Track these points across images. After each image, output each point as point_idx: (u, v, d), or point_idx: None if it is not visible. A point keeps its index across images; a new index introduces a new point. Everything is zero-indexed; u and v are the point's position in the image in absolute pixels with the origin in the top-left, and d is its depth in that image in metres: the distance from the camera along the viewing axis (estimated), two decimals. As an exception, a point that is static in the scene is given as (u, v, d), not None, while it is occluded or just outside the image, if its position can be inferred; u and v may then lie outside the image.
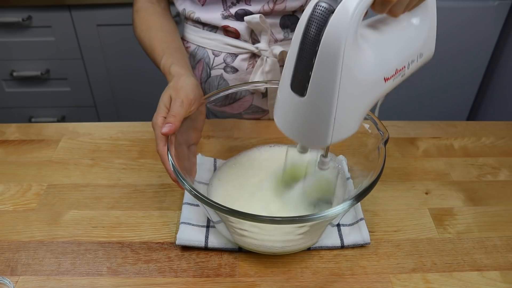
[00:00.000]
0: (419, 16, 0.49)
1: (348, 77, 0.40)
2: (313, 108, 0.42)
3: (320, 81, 0.40)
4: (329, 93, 0.41)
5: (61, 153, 0.77)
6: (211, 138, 0.69)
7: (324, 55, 0.39)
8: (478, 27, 1.50)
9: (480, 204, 0.68)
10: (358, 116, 0.46)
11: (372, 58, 0.43)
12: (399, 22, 0.48)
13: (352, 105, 0.43)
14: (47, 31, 1.48)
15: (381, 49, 0.45)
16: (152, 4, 0.78)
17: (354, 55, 0.40)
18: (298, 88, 0.42)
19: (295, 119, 0.45)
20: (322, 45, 0.39)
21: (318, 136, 0.44)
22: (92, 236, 0.62)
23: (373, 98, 0.46)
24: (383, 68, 0.45)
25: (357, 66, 0.41)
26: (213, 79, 0.81)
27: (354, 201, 0.50)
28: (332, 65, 0.39)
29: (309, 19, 0.39)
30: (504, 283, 0.56)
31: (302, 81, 0.41)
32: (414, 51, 0.49)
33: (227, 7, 0.74)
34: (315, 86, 0.41)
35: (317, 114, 0.43)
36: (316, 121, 0.43)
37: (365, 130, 0.61)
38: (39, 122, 1.18)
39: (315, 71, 0.40)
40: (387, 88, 0.47)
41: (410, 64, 0.49)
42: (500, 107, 1.62)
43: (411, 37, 0.49)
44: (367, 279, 0.56)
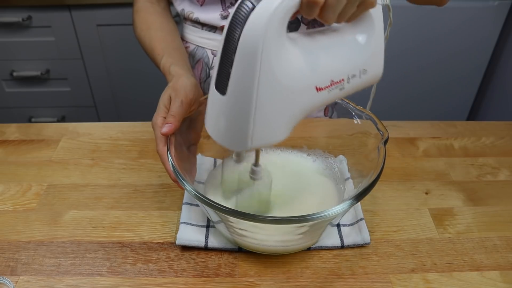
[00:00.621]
0: (365, 33, 0.47)
1: (269, 77, 0.40)
2: (233, 107, 0.42)
3: (239, 78, 0.40)
4: (248, 92, 0.40)
5: (61, 153, 0.77)
6: (211, 138, 0.69)
7: (242, 51, 0.39)
8: (478, 27, 1.50)
9: (480, 204, 0.68)
10: (285, 122, 0.44)
11: (300, 63, 0.42)
12: (341, 34, 0.47)
13: (275, 109, 0.42)
14: (47, 31, 1.48)
15: (313, 56, 0.43)
16: (152, 4, 0.78)
17: (276, 55, 0.39)
18: (220, 86, 0.42)
19: (218, 119, 0.44)
20: (241, 41, 0.38)
21: (238, 139, 0.43)
22: (92, 236, 0.62)
23: (304, 106, 0.44)
24: (313, 75, 0.43)
25: (280, 67, 0.40)
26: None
27: (353, 201, 0.50)
28: (251, 62, 0.39)
29: (233, 17, 0.39)
30: (504, 283, 0.56)
31: (224, 79, 0.41)
32: (355, 64, 0.47)
33: (226, 7, 0.74)
34: (234, 84, 0.40)
35: (237, 114, 0.42)
36: (236, 122, 0.42)
37: (365, 130, 0.61)
38: (39, 122, 1.18)
39: (235, 68, 0.40)
40: (322, 99, 0.45)
41: (351, 78, 0.47)
42: (500, 107, 1.62)
43: (352, 50, 0.47)
44: (367, 279, 0.56)
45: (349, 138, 0.65)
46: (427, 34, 1.51)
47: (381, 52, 0.49)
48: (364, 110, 0.61)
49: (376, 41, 0.48)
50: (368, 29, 0.47)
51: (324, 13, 0.40)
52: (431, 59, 1.57)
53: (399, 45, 1.52)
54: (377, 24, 0.47)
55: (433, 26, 1.50)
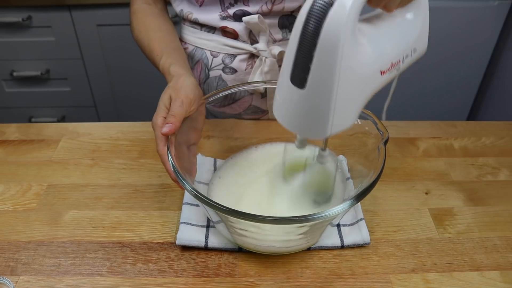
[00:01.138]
0: (412, 11, 0.50)
1: (347, 69, 0.41)
2: (313, 100, 0.43)
3: (320, 73, 0.41)
4: (329, 85, 0.41)
5: (61, 153, 0.77)
6: (211, 138, 0.69)
7: (323, 47, 0.40)
8: (478, 27, 1.50)
9: (480, 204, 0.68)
10: (356, 108, 0.46)
11: (369, 52, 0.44)
12: (394, 17, 0.49)
13: (350, 97, 0.44)
14: (47, 31, 1.48)
15: (377, 42, 0.46)
16: (149, 5, 0.78)
17: (352, 48, 0.41)
18: (298, 80, 0.43)
19: (295, 111, 0.45)
20: (322, 37, 0.39)
21: (317, 128, 0.45)
22: (92, 236, 0.62)
23: (370, 90, 0.47)
24: (379, 61, 0.46)
25: (355, 58, 0.42)
26: (211, 80, 0.81)
27: (354, 201, 0.50)
28: (332, 58, 0.40)
29: (309, 12, 0.40)
30: (504, 283, 0.56)
31: (302, 73, 0.42)
32: (408, 45, 0.50)
33: (225, 8, 0.74)
34: (314, 78, 0.41)
35: (317, 106, 0.43)
36: (315, 112, 0.44)
37: (365, 130, 0.61)
38: (39, 122, 1.18)
39: (315, 63, 0.41)
40: (383, 81, 0.48)
41: (405, 58, 0.50)
42: (500, 107, 1.62)
43: (405, 31, 0.50)
44: (367, 279, 0.56)
45: (349, 138, 0.65)
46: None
47: (426, 29, 0.52)
48: (364, 110, 0.61)
49: (423, 20, 0.50)
50: (416, 9, 0.50)
51: (389, 3, 0.44)
52: (431, 59, 1.57)
53: (399, 45, 1.52)
54: (424, 4, 0.50)
55: (433, 26, 1.48)
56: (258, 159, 0.69)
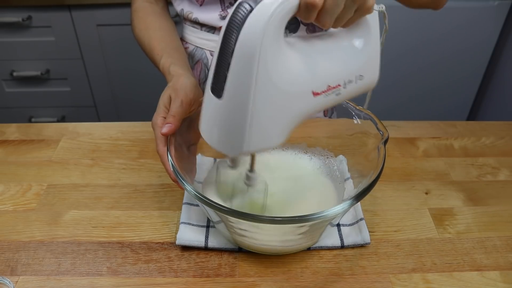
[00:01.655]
0: (362, 38, 0.47)
1: (266, 81, 0.39)
2: (229, 111, 0.41)
3: (236, 82, 0.39)
4: (244, 96, 0.39)
5: (61, 153, 0.77)
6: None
7: (239, 54, 0.38)
8: (478, 27, 1.50)
9: (480, 204, 0.68)
10: (281, 127, 0.44)
11: (297, 67, 0.42)
12: (338, 41, 0.47)
13: (272, 113, 0.42)
14: (47, 31, 1.48)
15: (311, 60, 0.43)
16: (150, 3, 0.78)
17: (273, 58, 0.39)
18: (216, 89, 0.41)
19: (214, 123, 0.44)
20: (238, 44, 0.38)
21: (234, 143, 0.43)
22: (92, 236, 0.62)
23: (300, 111, 0.44)
24: (310, 80, 0.43)
25: (277, 71, 0.40)
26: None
27: (354, 201, 0.50)
28: (248, 66, 0.38)
29: (230, 19, 0.39)
30: (504, 283, 0.56)
31: (220, 82, 0.40)
32: (351, 71, 0.47)
33: (225, 8, 0.74)
34: (231, 87, 0.40)
35: (233, 118, 0.41)
36: (231, 126, 0.42)
37: (365, 130, 0.61)
38: (39, 122, 1.18)
39: (231, 71, 0.39)
40: (319, 103, 0.45)
41: (347, 83, 0.47)
42: (500, 107, 1.62)
43: (349, 56, 0.47)
44: (367, 279, 0.56)
45: (349, 138, 0.65)
46: (427, 34, 1.51)
47: (377, 58, 0.49)
48: (364, 110, 0.61)
49: (372, 47, 0.48)
50: (364, 34, 0.47)
51: (321, 17, 0.40)
52: (431, 59, 1.57)
53: (399, 45, 1.52)
54: (373, 30, 0.47)
55: (433, 26, 1.50)
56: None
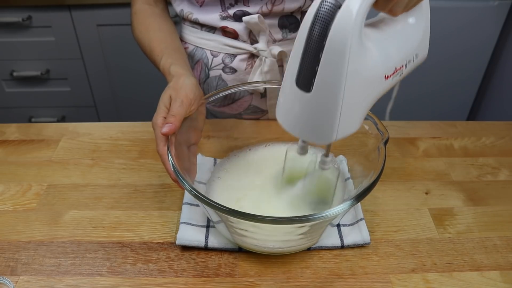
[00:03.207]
0: (415, 16, 0.49)
1: (354, 73, 0.41)
2: (319, 104, 0.43)
3: (327, 76, 0.41)
4: (336, 89, 0.41)
5: (61, 153, 0.77)
6: (211, 138, 0.69)
7: (331, 50, 0.39)
8: (478, 27, 1.50)
9: (480, 204, 0.68)
10: (361, 113, 0.46)
11: (375, 55, 0.44)
12: (396, 22, 0.49)
13: (356, 101, 0.44)
14: (47, 31, 1.48)
15: (383, 47, 0.45)
16: (150, 5, 0.78)
17: (359, 51, 0.40)
18: (303, 83, 0.42)
19: (300, 115, 0.45)
20: (329, 40, 0.39)
21: (323, 133, 0.45)
22: (92, 236, 0.62)
23: (374, 95, 0.46)
24: (384, 65, 0.45)
25: (362, 62, 0.41)
26: (211, 80, 0.81)
27: (354, 201, 0.50)
28: (339, 61, 0.39)
29: (315, 15, 0.39)
30: (504, 283, 0.56)
31: (308, 76, 0.42)
32: (411, 50, 0.50)
33: (225, 8, 0.74)
34: (321, 82, 0.41)
35: (323, 110, 0.43)
36: (321, 117, 0.43)
37: (365, 130, 0.61)
38: (39, 122, 1.18)
39: (322, 66, 0.40)
40: (386, 86, 0.47)
41: (407, 64, 0.49)
42: (500, 107, 1.61)
43: (408, 36, 0.49)
44: (367, 279, 0.56)
45: (349, 138, 0.64)
46: (427, 34, 1.51)
47: (427, 36, 0.52)
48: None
49: (425, 25, 0.50)
50: (418, 13, 0.50)
51: (394, 7, 0.43)
52: (431, 59, 1.56)
53: (399, 45, 1.52)
54: (425, 9, 0.50)
55: (433, 26, 1.48)
56: (259, 161, 0.68)
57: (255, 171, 0.66)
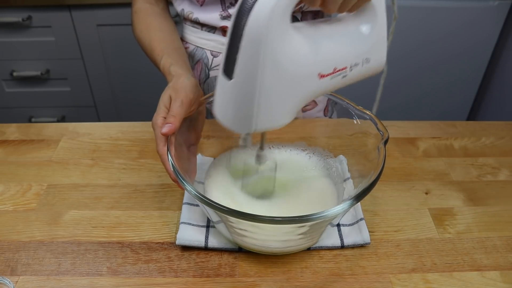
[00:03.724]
0: (368, 23, 0.49)
1: (273, 63, 0.42)
2: (238, 91, 0.44)
3: (245, 64, 0.42)
4: (252, 77, 0.42)
5: (61, 153, 0.77)
6: (211, 138, 0.69)
7: (247, 38, 0.41)
8: (478, 27, 1.50)
9: (480, 204, 0.68)
10: (288, 108, 0.46)
11: (303, 50, 0.44)
12: (345, 25, 0.48)
13: (278, 93, 0.44)
14: (47, 31, 1.48)
15: (317, 43, 0.45)
16: (151, 4, 0.78)
17: (280, 42, 0.41)
18: (227, 71, 0.44)
19: (225, 103, 0.46)
20: (247, 28, 0.40)
21: (242, 122, 0.46)
22: (92, 236, 0.62)
23: (307, 92, 0.46)
24: (317, 62, 0.45)
25: (284, 54, 0.42)
26: (212, 80, 0.81)
27: (354, 201, 0.50)
28: (255, 49, 0.41)
29: (240, 6, 0.41)
30: (504, 283, 0.56)
31: (231, 64, 0.43)
32: (357, 54, 0.49)
33: (225, 8, 0.74)
34: (240, 69, 0.42)
35: (242, 97, 0.44)
36: (241, 105, 0.45)
37: (365, 130, 0.61)
38: (39, 122, 1.18)
39: (241, 54, 0.42)
40: (324, 86, 0.47)
41: (353, 66, 0.49)
42: (500, 107, 1.62)
43: (355, 39, 0.49)
44: (367, 279, 0.56)
45: (349, 138, 0.65)
46: (427, 34, 1.51)
47: (384, 42, 0.51)
48: (364, 110, 0.61)
49: (378, 31, 0.49)
50: (370, 19, 0.49)
51: (326, 3, 0.42)
52: (431, 59, 1.57)
53: (400, 46, 1.52)
54: (380, 14, 0.49)
55: (433, 26, 1.50)
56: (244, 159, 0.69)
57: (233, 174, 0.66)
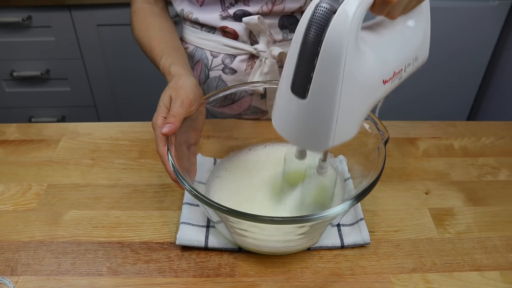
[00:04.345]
0: (414, 18, 0.49)
1: (350, 79, 0.40)
2: (314, 110, 0.42)
3: (322, 83, 0.40)
4: (331, 95, 0.40)
5: (61, 153, 0.77)
6: (211, 138, 0.69)
7: (326, 56, 0.39)
8: (478, 27, 1.50)
9: (480, 204, 0.68)
10: (359, 118, 0.45)
11: (372, 60, 0.43)
12: (395, 25, 0.48)
13: (353, 107, 0.43)
14: (47, 31, 1.48)
15: (380, 51, 0.45)
16: (150, 4, 0.78)
17: (355, 57, 0.40)
18: (299, 90, 0.42)
19: (295, 122, 0.44)
20: (324, 46, 0.38)
21: (319, 139, 0.44)
22: (92, 236, 0.62)
23: (372, 100, 0.46)
24: (382, 70, 0.45)
25: (358, 68, 0.41)
26: (211, 80, 0.81)
27: (354, 201, 0.50)
28: (334, 67, 0.39)
29: (310, 20, 0.39)
30: (504, 283, 0.56)
31: (303, 83, 0.41)
32: (410, 54, 0.49)
33: (225, 8, 0.74)
34: (316, 88, 0.40)
35: (319, 116, 0.42)
36: (317, 124, 0.43)
37: (365, 130, 0.61)
38: (39, 122, 1.18)
39: (317, 72, 0.40)
40: (385, 90, 0.47)
41: (407, 67, 0.48)
42: (500, 107, 1.62)
43: (407, 39, 0.49)
44: (367, 279, 0.56)
45: (349, 138, 0.65)
46: (427, 34, 1.51)
47: (428, 37, 0.51)
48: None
49: (425, 27, 0.50)
50: (418, 15, 0.49)
51: (392, 10, 0.42)
52: (431, 59, 1.56)
53: (399, 45, 1.52)
54: (425, 11, 0.49)
55: (433, 26, 1.48)
56: (258, 161, 0.68)
57: (254, 172, 0.66)
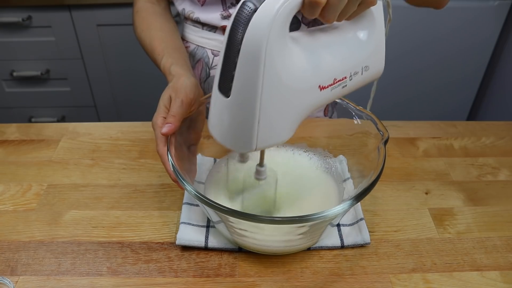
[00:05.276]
0: (366, 29, 0.48)
1: (273, 79, 0.39)
2: (237, 109, 0.41)
3: (243, 81, 0.40)
4: (252, 94, 0.40)
5: (61, 153, 0.77)
6: (211, 138, 0.69)
7: (246, 53, 0.38)
8: (478, 27, 1.50)
9: (480, 204, 0.68)
10: (289, 123, 0.44)
11: (303, 63, 0.42)
12: (343, 33, 0.47)
13: (280, 109, 0.42)
14: (47, 31, 1.48)
15: (315, 54, 0.43)
16: (152, 4, 0.78)
17: (279, 56, 0.39)
18: (223, 88, 0.42)
19: (222, 121, 0.44)
20: (244, 43, 0.38)
21: (242, 140, 0.43)
22: (92, 236, 0.62)
23: (307, 106, 0.44)
24: (317, 75, 0.43)
25: (284, 68, 0.40)
26: (212, 79, 0.81)
27: (354, 201, 0.50)
28: (254, 64, 0.38)
29: (235, 18, 0.39)
30: (504, 283, 0.56)
31: (227, 81, 0.41)
32: (356, 63, 0.47)
33: (226, 8, 0.74)
34: (238, 86, 0.40)
35: (241, 116, 0.42)
36: (240, 123, 0.42)
37: (365, 130, 0.61)
38: (39, 122, 1.18)
39: (238, 70, 0.39)
40: (325, 97, 0.45)
41: (353, 75, 0.47)
42: (500, 107, 1.62)
43: (354, 48, 0.47)
44: (367, 279, 0.56)
45: (349, 138, 0.65)
46: (427, 34, 1.51)
47: (382, 48, 0.49)
48: (364, 110, 0.61)
49: (377, 38, 0.48)
50: (369, 26, 0.47)
51: (325, 13, 0.40)
52: (431, 59, 1.57)
53: (400, 45, 1.52)
54: (378, 21, 0.48)
55: (433, 26, 1.50)
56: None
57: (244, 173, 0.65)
